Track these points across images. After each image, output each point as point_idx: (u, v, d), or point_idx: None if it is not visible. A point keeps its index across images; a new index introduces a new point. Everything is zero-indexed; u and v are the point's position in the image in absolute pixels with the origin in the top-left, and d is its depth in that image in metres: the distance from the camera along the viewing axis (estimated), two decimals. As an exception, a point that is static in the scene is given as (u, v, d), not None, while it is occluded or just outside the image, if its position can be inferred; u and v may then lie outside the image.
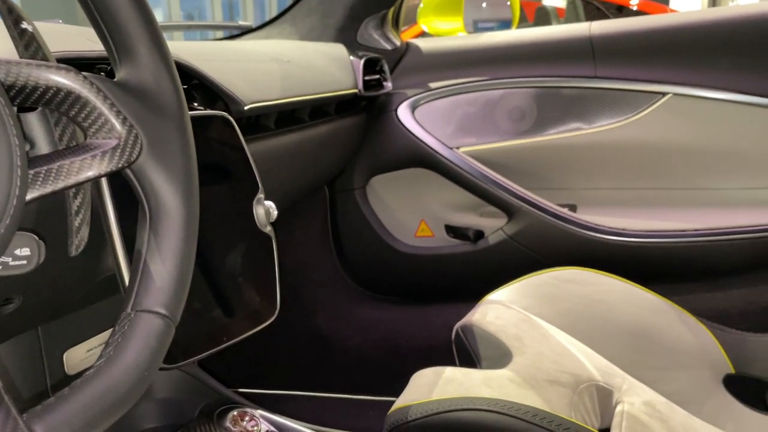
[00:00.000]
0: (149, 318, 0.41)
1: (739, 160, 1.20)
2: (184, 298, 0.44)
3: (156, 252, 0.43)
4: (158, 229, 0.43)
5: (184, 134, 0.45)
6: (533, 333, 0.94)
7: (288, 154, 1.09)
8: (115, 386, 0.38)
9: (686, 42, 1.21)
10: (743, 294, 1.16)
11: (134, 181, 0.43)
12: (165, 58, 0.45)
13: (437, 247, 1.40)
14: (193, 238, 0.45)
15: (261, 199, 0.73)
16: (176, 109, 0.45)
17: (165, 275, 0.42)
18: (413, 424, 0.76)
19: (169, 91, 0.45)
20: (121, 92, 0.43)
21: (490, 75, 1.34)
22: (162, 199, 0.43)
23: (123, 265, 0.53)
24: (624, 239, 1.21)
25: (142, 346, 0.40)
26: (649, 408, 0.84)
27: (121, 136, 0.42)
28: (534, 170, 1.34)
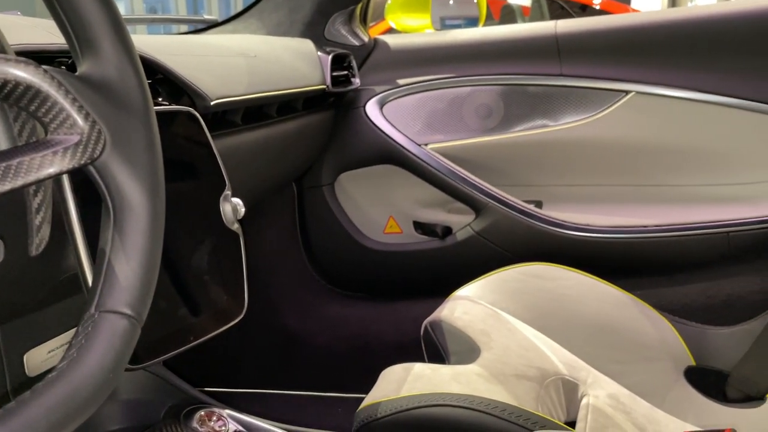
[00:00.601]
0: (114, 318, 0.40)
1: (699, 157, 1.23)
2: (150, 297, 0.43)
3: (120, 251, 0.42)
4: (123, 227, 0.42)
5: (149, 130, 0.44)
6: (500, 328, 0.95)
7: (255, 151, 1.08)
8: (78, 389, 0.37)
9: (649, 41, 1.24)
10: (703, 288, 1.19)
11: (97, 178, 0.42)
12: (129, 52, 0.44)
13: (405, 243, 1.40)
14: (159, 236, 0.44)
15: (228, 195, 0.72)
16: (141, 104, 0.44)
17: (130, 274, 0.41)
18: (382, 420, 0.76)
19: (133, 86, 0.44)
20: (83, 86, 0.41)
21: (457, 72, 1.35)
22: (126, 197, 0.42)
23: (86, 264, 0.51)
24: (588, 235, 1.23)
25: (107, 347, 0.39)
26: (614, 400, 0.86)
27: (83, 131, 0.41)
28: (501, 167, 1.35)
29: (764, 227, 1.15)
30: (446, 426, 0.73)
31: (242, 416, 0.75)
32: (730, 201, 1.21)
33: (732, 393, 0.94)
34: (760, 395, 0.91)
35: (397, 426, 0.75)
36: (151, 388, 0.82)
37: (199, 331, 0.69)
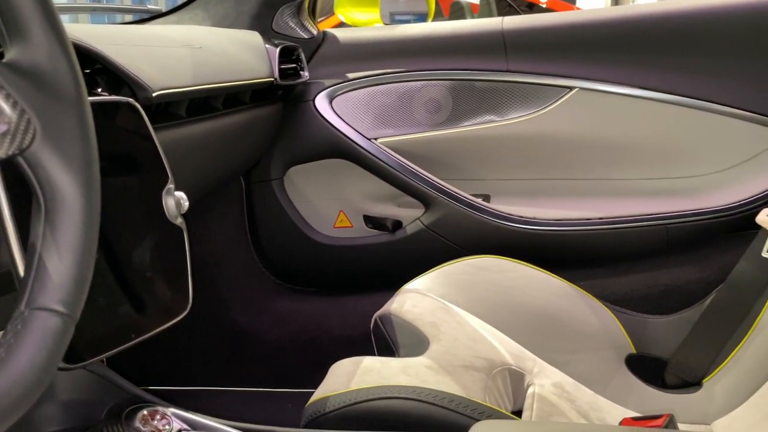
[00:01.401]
0: (45, 316, 0.39)
1: (640, 152, 1.27)
2: (85, 294, 0.42)
3: (52, 245, 0.40)
4: (54, 220, 0.40)
5: (82, 119, 0.43)
6: (449, 320, 0.96)
7: (201, 144, 1.05)
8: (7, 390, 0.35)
9: (591, 39, 1.27)
10: (643, 278, 1.23)
11: (27, 169, 0.40)
12: (61, 38, 0.42)
13: (356, 237, 1.40)
14: (94, 230, 0.42)
15: (171, 189, 0.70)
16: (73, 93, 0.42)
17: (62, 270, 0.40)
18: (332, 414, 0.76)
19: (65, 74, 0.42)
20: (10, 73, 0.39)
21: (406, 67, 1.35)
22: (58, 189, 0.40)
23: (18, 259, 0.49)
24: (534, 228, 1.25)
25: (38, 346, 0.37)
26: (558, 389, 0.88)
27: (10, 121, 0.39)
28: (450, 161, 1.36)
29: (701, 219, 1.20)
30: (394, 418, 0.74)
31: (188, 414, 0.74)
32: (669, 194, 1.25)
33: (670, 379, 0.98)
34: (696, 381, 0.95)
35: (345, 419, 0.75)
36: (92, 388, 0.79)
37: (142, 328, 0.67)
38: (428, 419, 0.73)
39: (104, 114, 0.69)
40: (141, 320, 0.69)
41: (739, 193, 1.19)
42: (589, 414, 0.86)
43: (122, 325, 0.67)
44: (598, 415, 0.86)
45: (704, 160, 1.24)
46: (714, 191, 1.22)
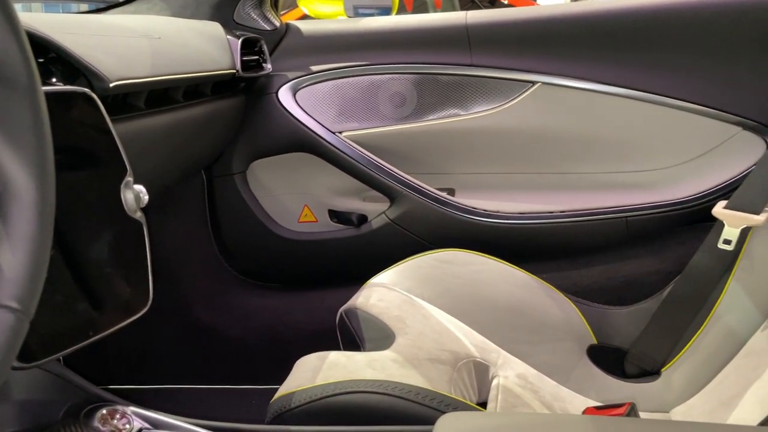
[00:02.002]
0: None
1: (601, 146, 1.29)
2: (39, 289, 0.40)
3: (4, 239, 0.38)
4: (6, 214, 0.39)
5: (35, 109, 0.41)
6: (415, 314, 0.96)
7: (160, 136, 1.03)
8: None
9: (553, 34, 1.28)
10: (603, 270, 1.25)
11: None
12: (12, 24, 0.40)
13: (321, 232, 1.39)
14: (48, 223, 0.41)
15: (130, 182, 0.68)
16: (26, 82, 0.41)
17: (15, 264, 0.38)
18: (297, 410, 0.75)
19: (16, 61, 0.40)
20: None
21: (371, 60, 1.34)
22: (10, 181, 0.39)
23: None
24: (498, 221, 1.26)
25: (-11, 343, 0.36)
26: (522, 380, 0.89)
27: None
28: (415, 155, 1.36)
29: (659, 212, 1.23)
30: (360, 412, 0.73)
31: (149, 413, 0.72)
32: (629, 188, 1.28)
33: (630, 369, 1.00)
34: (655, 370, 0.97)
35: (311, 415, 0.74)
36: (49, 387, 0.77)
37: (100, 325, 0.65)
38: (394, 412, 0.73)
39: (59, 105, 0.67)
40: (99, 317, 0.67)
41: (695, 186, 1.22)
42: (553, 404, 0.87)
43: (79, 323, 0.65)
44: (561, 405, 0.88)
45: (663, 154, 1.26)
46: (672, 184, 1.25)
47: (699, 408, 0.87)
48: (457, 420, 0.51)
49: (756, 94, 1.19)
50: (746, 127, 1.21)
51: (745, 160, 1.20)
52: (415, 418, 0.72)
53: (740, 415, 0.75)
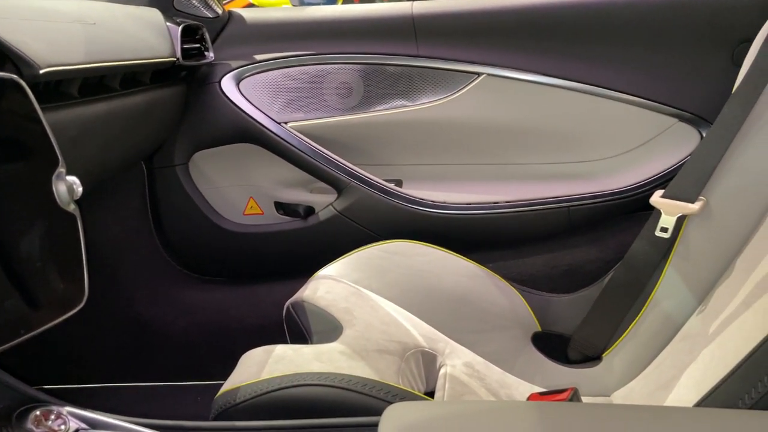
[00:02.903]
0: None
1: (543, 137, 1.31)
2: None
3: None
4: None
5: None
6: (363, 305, 0.96)
7: (96, 126, 0.99)
8: None
9: (498, 26, 1.29)
10: (546, 259, 1.28)
11: None
12: None
13: (267, 224, 1.37)
14: None
15: (62, 174, 0.65)
16: None
17: None
18: (242, 405, 0.73)
19: None
20: None
21: (316, 49, 1.33)
22: None
23: None
24: (445, 212, 1.27)
25: None
26: (469, 369, 0.90)
27: None
28: (362, 146, 1.36)
29: (600, 202, 1.26)
30: (307, 405, 0.73)
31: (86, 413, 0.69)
32: (571, 178, 1.30)
33: (573, 354, 1.02)
34: (597, 355, 1.00)
35: (257, 409, 0.73)
36: (-23, 390, 0.73)
37: (33, 322, 0.63)
38: (341, 404, 0.72)
39: (-17, 91, 0.63)
40: (31, 314, 0.64)
41: (634, 176, 1.26)
42: (499, 391, 0.88)
43: (10, 320, 0.62)
44: (507, 392, 0.89)
45: (603, 145, 1.29)
46: (612, 174, 1.28)
47: (638, 391, 0.90)
48: (404, 410, 0.50)
49: (692, 87, 1.24)
50: (682, 118, 1.25)
51: (680, 151, 1.24)
52: (363, 409, 0.71)
53: (677, 397, 0.78)
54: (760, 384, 0.57)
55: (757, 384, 0.57)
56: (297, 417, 0.70)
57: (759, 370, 0.58)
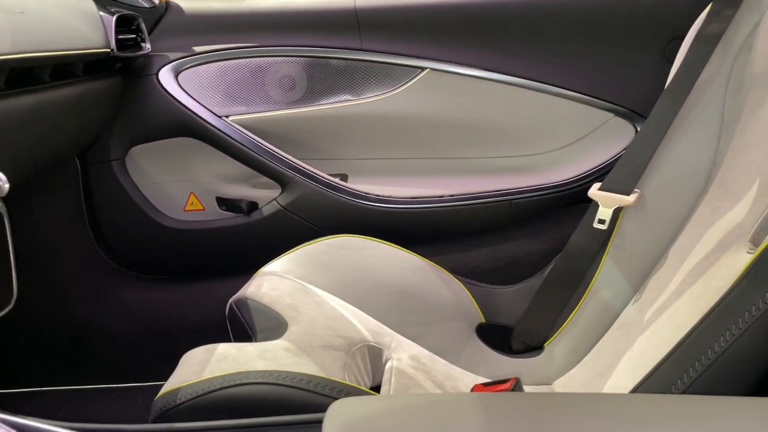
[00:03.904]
0: None
1: (485, 131, 1.33)
2: None
3: None
4: None
5: None
6: (308, 301, 0.95)
7: (24, 119, 0.94)
8: None
9: (441, 21, 1.30)
10: (490, 251, 1.30)
11: None
12: None
13: (209, 220, 1.34)
14: None
15: (-14, 169, 0.62)
16: None
17: None
18: (183, 406, 0.72)
19: None
20: None
21: (258, 42, 1.30)
22: None
23: None
24: (390, 206, 1.27)
25: None
26: (415, 361, 0.90)
27: None
28: (306, 140, 1.34)
29: (540, 195, 1.28)
30: (251, 404, 0.71)
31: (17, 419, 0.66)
32: (513, 172, 1.33)
33: (516, 345, 1.04)
34: (539, 345, 1.02)
35: (198, 410, 0.71)
36: None
37: (-45, 327, 0.59)
38: (286, 402, 0.71)
39: None
40: (-47, 319, 0.60)
41: (573, 170, 1.29)
42: (444, 383, 0.89)
43: (-71, 326, 0.58)
44: (452, 384, 0.90)
45: (543, 139, 1.32)
46: (552, 168, 1.31)
47: (578, 379, 0.93)
48: (349, 405, 0.50)
49: (627, 83, 1.28)
50: (618, 113, 1.29)
51: (617, 145, 1.28)
52: (308, 406, 0.71)
53: (615, 384, 0.80)
54: (691, 369, 0.60)
55: (688, 369, 0.60)
56: (240, 417, 0.69)
57: (690, 357, 0.60)
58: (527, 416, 0.45)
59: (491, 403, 0.48)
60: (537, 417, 0.45)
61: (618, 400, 0.51)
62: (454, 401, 0.51)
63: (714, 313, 0.60)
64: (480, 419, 0.45)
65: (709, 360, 0.58)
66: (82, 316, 1.33)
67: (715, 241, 0.78)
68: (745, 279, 0.58)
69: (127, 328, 1.33)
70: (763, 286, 0.56)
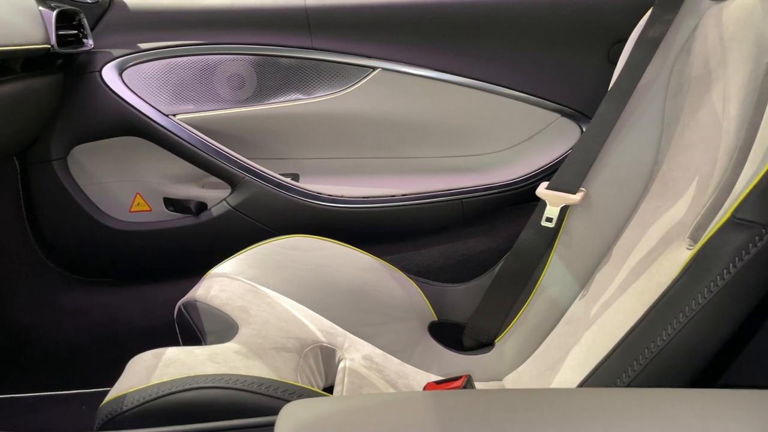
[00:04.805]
0: None
1: (437, 131, 1.34)
2: None
3: None
4: None
5: None
6: (259, 303, 0.94)
7: (-43, 117, 0.90)
8: None
9: (392, 21, 1.30)
10: (442, 250, 1.31)
11: None
12: None
13: (156, 222, 1.31)
14: None
15: None
16: None
17: None
18: (130, 413, 0.70)
19: None
20: None
21: (207, 39, 1.28)
22: None
23: None
24: (343, 206, 1.27)
25: None
26: (368, 361, 0.90)
27: None
28: (257, 140, 1.33)
29: (491, 194, 1.30)
30: (200, 409, 0.70)
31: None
32: (464, 171, 1.34)
33: (468, 342, 1.06)
34: (489, 341, 1.04)
35: (146, 416, 0.69)
36: None
37: None
38: (236, 405, 0.70)
39: None
40: None
41: (522, 169, 1.32)
42: (397, 382, 0.89)
43: None
44: (405, 382, 0.90)
45: (493, 139, 1.34)
46: (502, 167, 1.33)
47: (528, 374, 0.94)
48: (300, 408, 0.50)
49: (572, 84, 1.31)
50: (564, 114, 1.32)
51: (563, 145, 1.31)
52: (259, 409, 0.70)
53: (563, 378, 0.82)
54: (635, 363, 0.61)
55: (633, 363, 0.62)
56: (190, 422, 0.67)
57: (634, 350, 0.62)
58: (478, 413, 0.46)
59: (443, 401, 0.48)
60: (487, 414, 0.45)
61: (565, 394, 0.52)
62: (406, 400, 0.51)
63: (656, 308, 0.62)
64: (432, 418, 0.45)
65: (653, 353, 0.60)
66: (23, 321, 1.28)
67: (657, 237, 0.81)
68: (686, 274, 0.60)
69: (71, 333, 1.29)
70: (702, 281, 0.58)
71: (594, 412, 0.43)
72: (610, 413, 0.43)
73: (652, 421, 0.42)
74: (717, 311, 0.57)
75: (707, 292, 0.57)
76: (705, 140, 0.80)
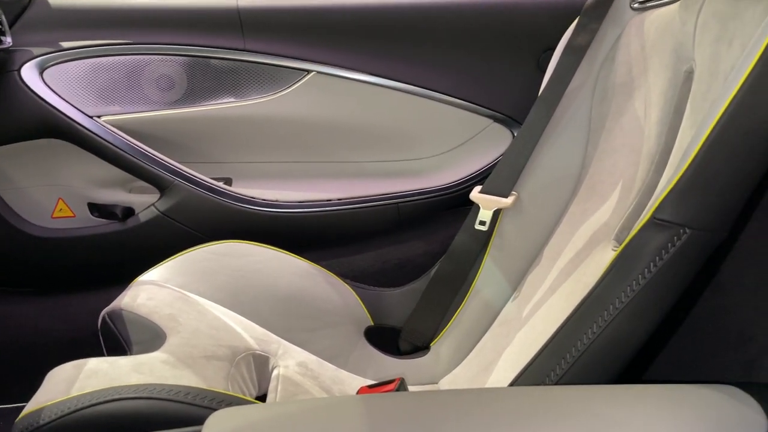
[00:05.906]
0: None
1: (372, 135, 1.34)
2: None
3: None
4: None
5: None
6: (189, 310, 0.91)
7: None
8: None
9: (326, 24, 1.30)
10: (377, 254, 1.31)
11: None
12: None
13: (80, 228, 1.25)
14: None
15: None
16: None
17: None
18: (47, 427, 0.66)
19: None
20: None
21: (134, 39, 1.24)
22: None
23: None
24: (277, 210, 1.25)
25: None
26: (302, 368, 0.89)
27: None
28: (187, 143, 1.29)
29: (426, 198, 1.31)
30: (124, 421, 0.67)
31: None
32: (400, 175, 1.35)
33: (404, 346, 1.05)
34: (425, 345, 1.04)
35: (64, 430, 0.66)
36: None
37: None
38: (161, 416, 0.68)
39: None
40: None
41: (456, 174, 1.33)
42: (332, 388, 0.88)
43: None
44: (340, 388, 0.89)
45: (428, 144, 1.35)
46: (437, 172, 1.34)
47: (463, 376, 0.95)
48: (228, 416, 0.48)
49: (504, 91, 1.34)
50: (496, 119, 1.34)
51: (496, 150, 1.33)
52: (186, 419, 0.67)
53: (497, 379, 0.83)
54: (563, 361, 0.63)
55: (560, 361, 0.63)
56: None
57: (562, 349, 0.63)
58: (409, 414, 0.45)
59: (374, 403, 0.48)
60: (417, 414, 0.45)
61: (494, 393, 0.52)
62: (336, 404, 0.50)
63: (583, 307, 0.64)
64: (363, 420, 0.45)
65: (579, 351, 0.61)
66: (-69, 335, 1.20)
67: (585, 239, 0.83)
68: (610, 274, 0.62)
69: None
70: (625, 280, 0.60)
71: (519, 410, 0.44)
72: (536, 411, 0.44)
73: (575, 418, 0.43)
74: (639, 309, 0.59)
75: (630, 290, 0.59)
76: (628, 145, 0.83)
